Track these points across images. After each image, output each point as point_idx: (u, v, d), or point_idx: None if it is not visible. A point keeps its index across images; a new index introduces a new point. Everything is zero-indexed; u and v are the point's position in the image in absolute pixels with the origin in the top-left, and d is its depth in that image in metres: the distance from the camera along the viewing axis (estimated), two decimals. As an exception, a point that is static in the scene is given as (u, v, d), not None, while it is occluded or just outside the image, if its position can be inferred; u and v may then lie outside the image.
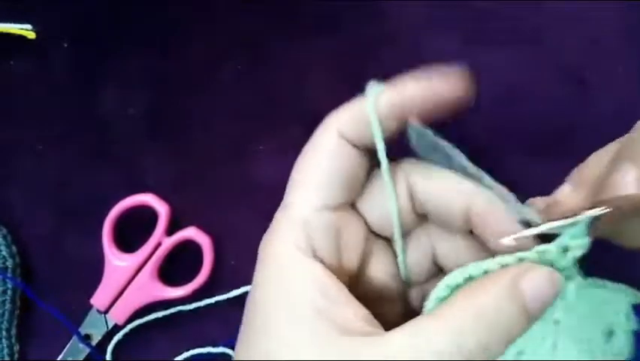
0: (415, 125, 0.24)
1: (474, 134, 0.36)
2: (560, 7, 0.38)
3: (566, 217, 0.22)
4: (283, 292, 0.22)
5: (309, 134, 0.40)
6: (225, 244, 0.38)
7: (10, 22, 0.40)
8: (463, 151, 0.24)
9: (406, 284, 0.27)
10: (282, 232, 0.24)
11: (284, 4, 0.40)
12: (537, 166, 0.36)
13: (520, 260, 0.21)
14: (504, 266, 0.21)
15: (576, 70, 0.37)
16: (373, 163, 0.25)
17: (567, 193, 0.23)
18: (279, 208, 0.25)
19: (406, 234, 0.26)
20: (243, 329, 0.23)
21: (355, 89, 0.40)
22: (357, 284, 0.25)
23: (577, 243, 0.21)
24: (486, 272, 0.21)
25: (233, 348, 0.37)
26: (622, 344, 0.21)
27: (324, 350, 0.21)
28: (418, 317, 0.21)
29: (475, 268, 0.22)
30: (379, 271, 0.26)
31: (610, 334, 0.22)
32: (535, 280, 0.21)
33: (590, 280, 0.22)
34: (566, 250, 0.21)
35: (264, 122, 0.39)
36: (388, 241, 0.26)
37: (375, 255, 0.26)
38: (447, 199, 0.25)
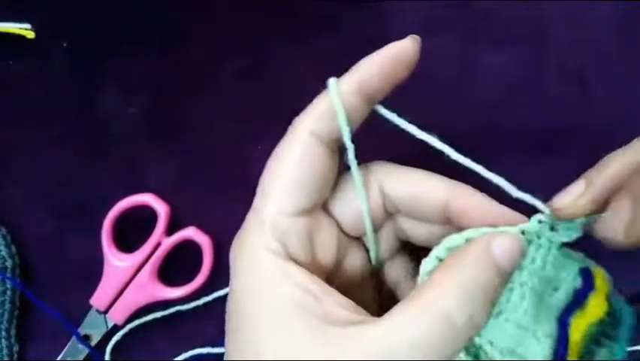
0: (381, 111, 0.25)
1: (474, 134, 0.36)
2: (560, 7, 0.38)
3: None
4: (263, 296, 0.22)
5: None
6: (225, 244, 0.38)
7: (10, 21, 0.40)
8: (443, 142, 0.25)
9: (376, 268, 0.27)
10: (252, 236, 0.24)
11: (284, 4, 0.40)
12: (537, 166, 0.36)
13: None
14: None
15: (576, 70, 0.37)
16: (342, 164, 0.26)
17: (576, 194, 0.23)
18: (250, 211, 0.25)
19: (375, 229, 0.26)
20: (228, 340, 0.23)
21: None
22: (332, 280, 0.25)
23: (567, 232, 0.24)
24: (467, 240, 0.23)
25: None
26: (561, 296, 0.24)
27: (316, 344, 0.21)
28: (404, 301, 0.21)
29: (458, 238, 0.23)
30: (352, 265, 0.26)
31: (555, 289, 0.24)
32: (503, 241, 0.22)
33: (561, 250, 0.24)
34: (552, 228, 0.24)
35: (264, 122, 0.39)
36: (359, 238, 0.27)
37: (348, 251, 0.26)
38: (423, 198, 0.25)
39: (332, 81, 0.24)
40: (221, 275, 0.38)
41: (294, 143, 0.24)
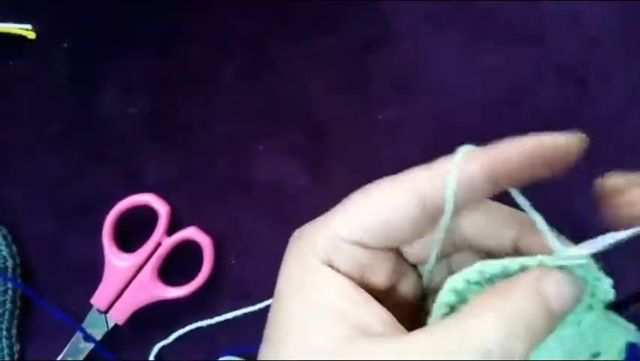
0: (516, 197, 0.23)
1: (474, 134, 0.36)
2: (560, 7, 0.38)
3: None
4: (305, 294, 0.22)
5: (309, 134, 0.40)
6: (225, 244, 0.38)
7: (10, 22, 0.40)
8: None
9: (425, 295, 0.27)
10: (311, 243, 0.23)
11: (284, 4, 0.40)
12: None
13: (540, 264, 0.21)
14: (522, 268, 0.21)
15: (576, 70, 0.37)
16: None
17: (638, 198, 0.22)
18: (319, 217, 0.24)
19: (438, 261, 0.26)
20: (266, 331, 0.23)
21: (355, 88, 0.40)
22: (381, 301, 0.24)
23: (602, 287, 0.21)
24: (490, 275, 0.21)
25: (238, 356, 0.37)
26: None
27: (344, 351, 0.20)
28: (442, 322, 0.21)
29: (474, 271, 0.21)
30: (405, 290, 0.26)
31: (595, 356, 0.22)
32: (557, 280, 0.20)
33: (606, 313, 0.22)
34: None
35: (264, 122, 0.39)
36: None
37: (401, 277, 0.25)
38: (495, 233, 0.24)
39: (461, 150, 0.22)
40: (221, 275, 0.38)
41: (389, 190, 0.23)
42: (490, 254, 0.25)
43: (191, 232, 0.37)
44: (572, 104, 0.37)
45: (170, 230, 0.38)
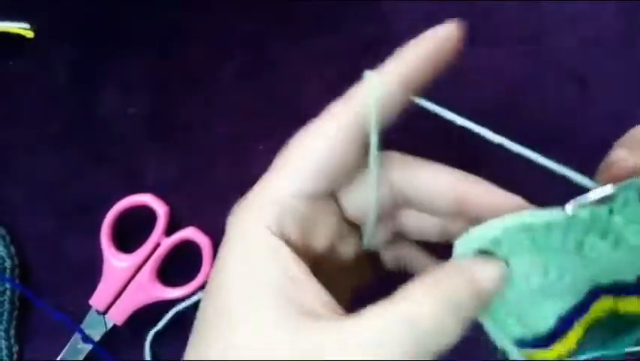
0: (421, 103, 0.24)
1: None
2: (560, 7, 0.38)
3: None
4: (247, 269, 0.22)
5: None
6: (225, 244, 0.38)
7: (9, 21, 0.40)
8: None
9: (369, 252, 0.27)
10: (254, 209, 0.23)
11: (284, 4, 0.40)
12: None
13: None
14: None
15: (576, 70, 0.37)
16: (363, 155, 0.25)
17: (623, 156, 0.22)
18: (257, 183, 0.24)
19: (378, 220, 0.26)
20: (203, 302, 0.22)
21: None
22: (323, 262, 0.24)
23: (626, 209, 0.21)
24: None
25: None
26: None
27: (283, 330, 0.20)
28: (381, 300, 0.21)
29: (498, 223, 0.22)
30: (346, 250, 0.26)
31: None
32: (486, 269, 0.22)
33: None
34: (611, 211, 0.21)
35: (264, 122, 0.39)
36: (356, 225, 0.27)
37: (343, 236, 0.26)
38: (434, 189, 0.25)
39: (369, 74, 0.24)
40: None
41: (326, 129, 0.23)
42: (432, 213, 0.25)
43: (190, 233, 0.37)
44: (572, 104, 0.37)
45: (170, 230, 0.38)
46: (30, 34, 0.40)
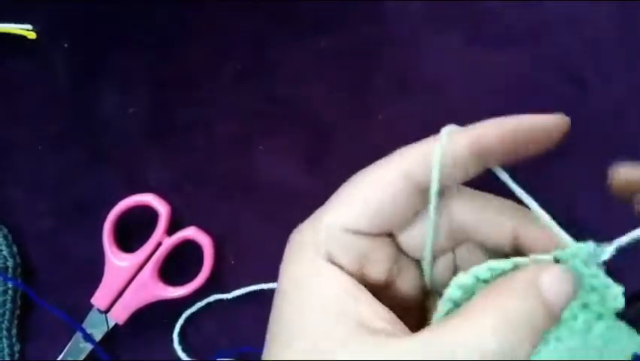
0: (499, 174, 0.23)
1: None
2: (560, 7, 0.38)
3: None
4: (307, 294, 0.22)
5: (309, 134, 0.40)
6: (225, 244, 0.38)
7: (11, 22, 0.40)
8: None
9: (428, 294, 0.27)
10: (306, 238, 0.23)
11: (284, 4, 0.40)
12: (536, 166, 0.36)
13: (535, 262, 0.21)
14: (517, 266, 0.21)
15: (576, 70, 0.37)
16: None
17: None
18: (313, 215, 0.24)
19: (437, 255, 0.26)
20: (270, 331, 0.23)
21: (355, 88, 0.40)
22: (381, 298, 0.24)
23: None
24: (501, 271, 0.22)
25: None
26: None
27: (345, 347, 0.20)
28: (440, 320, 0.21)
29: (484, 269, 0.22)
30: (405, 285, 0.26)
31: None
32: (554, 275, 0.21)
33: (616, 321, 0.22)
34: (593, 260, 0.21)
35: (264, 122, 0.39)
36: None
37: (402, 271, 0.26)
38: (494, 226, 0.24)
39: (445, 130, 0.23)
40: (221, 275, 0.38)
41: (381, 174, 0.23)
42: (489, 249, 0.25)
43: (191, 232, 0.38)
44: (572, 104, 0.37)
45: (171, 230, 0.38)
46: (32, 35, 0.40)
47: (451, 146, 0.23)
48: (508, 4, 0.38)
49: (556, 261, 0.21)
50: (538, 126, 0.23)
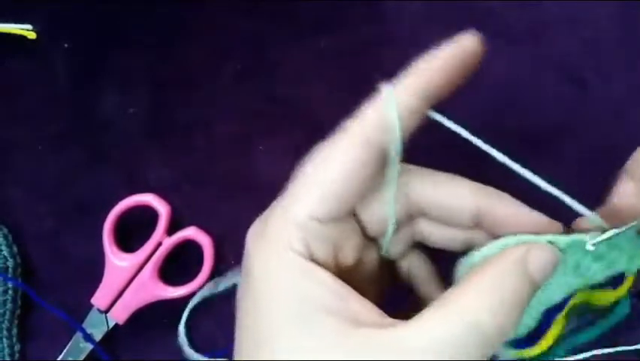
0: (436, 117, 0.24)
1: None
2: (560, 7, 0.38)
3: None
4: (285, 295, 0.21)
5: (309, 134, 0.40)
6: (225, 244, 0.38)
7: (11, 22, 0.40)
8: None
9: (387, 262, 0.27)
10: (276, 235, 0.23)
11: (284, 4, 0.40)
12: (537, 166, 0.36)
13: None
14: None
15: (576, 70, 0.37)
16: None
17: (630, 194, 0.23)
18: (276, 205, 0.24)
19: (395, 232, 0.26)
20: (240, 337, 0.22)
21: (355, 88, 0.40)
22: (349, 281, 0.24)
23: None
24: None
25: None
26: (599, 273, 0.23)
27: (342, 345, 0.20)
28: (434, 304, 0.21)
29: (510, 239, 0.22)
30: (367, 264, 0.26)
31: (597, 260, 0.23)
32: (540, 254, 0.22)
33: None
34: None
35: (264, 122, 0.39)
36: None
37: (364, 252, 0.26)
38: (453, 203, 0.24)
39: (387, 89, 0.23)
40: (221, 275, 0.38)
41: (342, 149, 0.23)
42: (450, 225, 0.25)
43: (191, 232, 0.38)
44: (572, 104, 0.37)
45: (171, 230, 0.38)
46: (32, 36, 0.40)
47: (400, 99, 0.23)
48: (508, 4, 0.38)
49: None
50: (459, 51, 0.24)
